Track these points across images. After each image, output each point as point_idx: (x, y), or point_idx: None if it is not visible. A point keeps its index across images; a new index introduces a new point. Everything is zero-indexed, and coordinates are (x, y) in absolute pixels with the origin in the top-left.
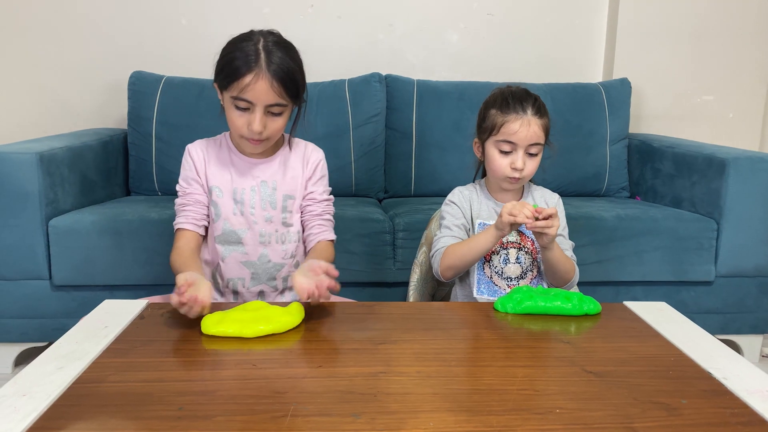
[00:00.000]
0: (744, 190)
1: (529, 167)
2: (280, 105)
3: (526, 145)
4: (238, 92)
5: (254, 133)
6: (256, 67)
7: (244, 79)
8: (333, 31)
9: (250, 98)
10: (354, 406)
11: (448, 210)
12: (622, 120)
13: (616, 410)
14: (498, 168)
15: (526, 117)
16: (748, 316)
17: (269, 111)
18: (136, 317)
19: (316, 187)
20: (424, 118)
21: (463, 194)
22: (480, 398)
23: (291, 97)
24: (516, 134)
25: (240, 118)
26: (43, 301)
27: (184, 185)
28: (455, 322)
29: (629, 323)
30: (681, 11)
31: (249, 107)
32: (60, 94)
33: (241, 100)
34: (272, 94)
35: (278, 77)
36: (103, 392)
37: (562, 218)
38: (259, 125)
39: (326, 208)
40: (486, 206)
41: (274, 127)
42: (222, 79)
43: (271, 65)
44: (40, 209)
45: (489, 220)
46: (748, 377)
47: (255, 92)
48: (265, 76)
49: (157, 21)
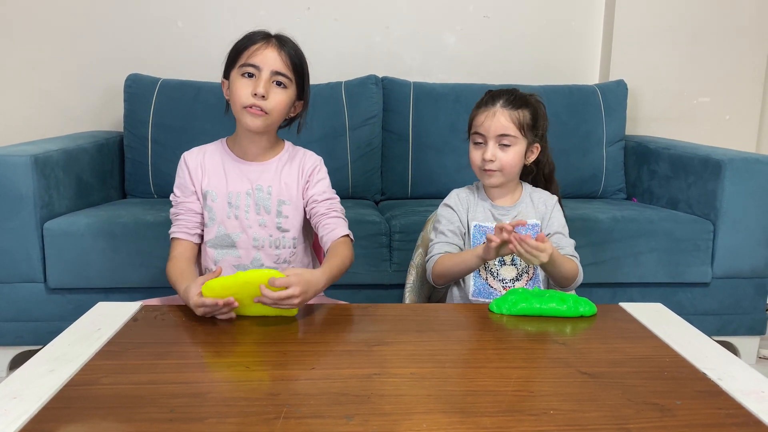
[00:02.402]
0: (740, 191)
1: (502, 159)
2: (285, 76)
3: (494, 136)
4: (246, 59)
5: (257, 97)
6: (266, 40)
7: (254, 46)
8: (329, 33)
9: (257, 62)
10: (347, 408)
11: (443, 214)
12: (619, 122)
13: (611, 411)
14: (472, 160)
15: (493, 108)
16: (744, 317)
17: (274, 80)
18: (130, 320)
19: (315, 190)
20: (420, 120)
21: (460, 197)
22: (474, 399)
23: (296, 74)
24: (482, 125)
25: (245, 87)
26: (37, 304)
27: (177, 194)
28: (450, 324)
29: (625, 324)
30: (677, 13)
31: (255, 74)
32: (56, 97)
33: (249, 66)
34: (279, 61)
35: (286, 51)
36: (94, 395)
37: (561, 218)
38: (263, 88)
39: (331, 205)
40: (482, 207)
41: (277, 100)
42: (233, 56)
43: (281, 42)
44: (34, 212)
45: (484, 221)
46: (743, 378)
47: (263, 56)
48: (274, 46)
49: (154, 24)
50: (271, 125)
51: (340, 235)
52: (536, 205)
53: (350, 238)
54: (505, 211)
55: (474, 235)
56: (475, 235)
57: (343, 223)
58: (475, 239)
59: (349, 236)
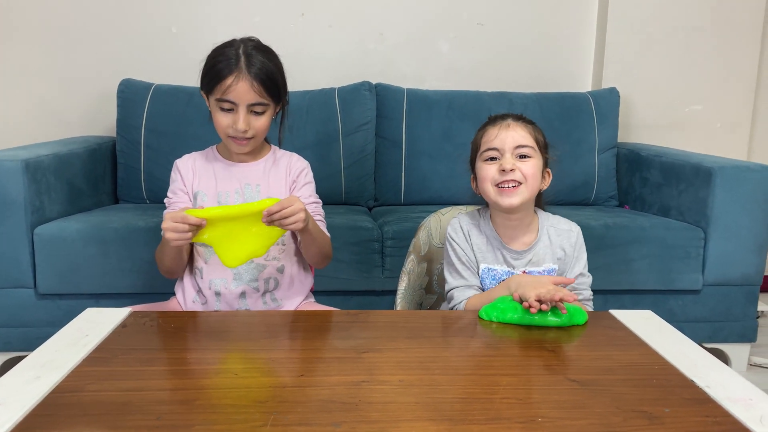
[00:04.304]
0: (731, 198)
1: (523, 169)
2: (262, 104)
3: (511, 147)
4: (221, 94)
5: (239, 131)
6: (236, 69)
7: (226, 81)
8: (324, 39)
9: (232, 98)
10: (334, 416)
11: (451, 251)
12: (611, 129)
13: (599, 419)
14: (485, 179)
15: (505, 122)
16: (735, 324)
17: (252, 110)
18: (119, 326)
19: (300, 192)
20: (414, 126)
21: (464, 229)
22: (462, 407)
23: (272, 97)
24: (497, 138)
25: (225, 119)
26: (27, 309)
27: (171, 196)
28: (440, 331)
29: (614, 332)
30: (669, 22)
31: (232, 108)
32: (49, 102)
33: (225, 101)
34: (253, 93)
35: (258, 78)
36: (80, 402)
37: (583, 254)
38: (243, 124)
39: (315, 209)
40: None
41: (258, 126)
42: (206, 83)
43: (251, 67)
44: (25, 217)
45: (494, 264)
46: (732, 386)
47: (237, 92)
48: (245, 77)
49: (147, 29)
50: (258, 143)
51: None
52: (554, 245)
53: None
54: (518, 255)
55: (483, 279)
56: (484, 277)
57: (325, 228)
58: (483, 281)
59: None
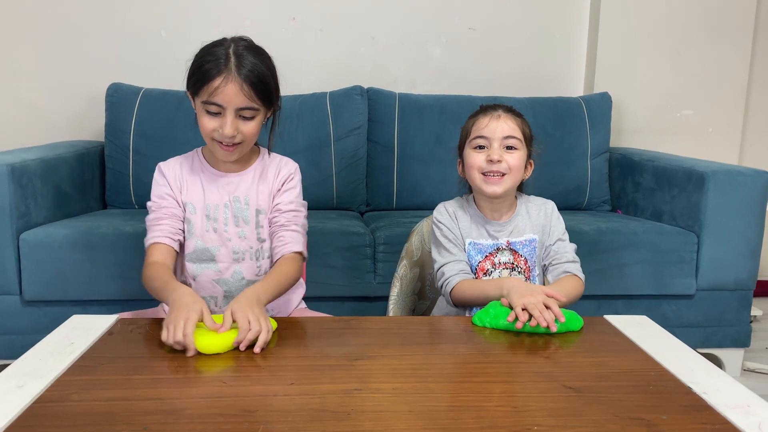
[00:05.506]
0: (723, 203)
1: (509, 161)
2: (252, 109)
3: (500, 137)
4: (208, 96)
5: (225, 137)
6: (225, 70)
7: (214, 82)
8: (315, 43)
9: (220, 101)
10: (326, 425)
11: (440, 228)
12: (603, 134)
13: (596, 427)
14: (472, 166)
15: (496, 113)
16: (729, 329)
17: (241, 115)
18: (105, 333)
19: (281, 198)
20: (405, 131)
21: (449, 211)
22: (456, 415)
23: (262, 101)
24: (487, 127)
25: (211, 123)
26: (12, 316)
27: (157, 200)
28: (433, 337)
29: (610, 337)
30: (661, 27)
31: (220, 111)
32: (37, 106)
33: (212, 104)
34: (242, 97)
35: (249, 80)
36: (63, 412)
37: (561, 224)
38: (231, 129)
39: (293, 218)
40: (475, 223)
41: (247, 132)
42: (193, 84)
43: (241, 69)
44: (10, 222)
45: (479, 239)
46: (729, 392)
47: (225, 95)
48: (235, 80)
49: (136, 33)
50: (246, 150)
51: (292, 251)
52: (533, 217)
53: (303, 255)
54: (500, 227)
55: (469, 253)
56: (470, 253)
57: (301, 239)
58: (470, 257)
59: (302, 254)
